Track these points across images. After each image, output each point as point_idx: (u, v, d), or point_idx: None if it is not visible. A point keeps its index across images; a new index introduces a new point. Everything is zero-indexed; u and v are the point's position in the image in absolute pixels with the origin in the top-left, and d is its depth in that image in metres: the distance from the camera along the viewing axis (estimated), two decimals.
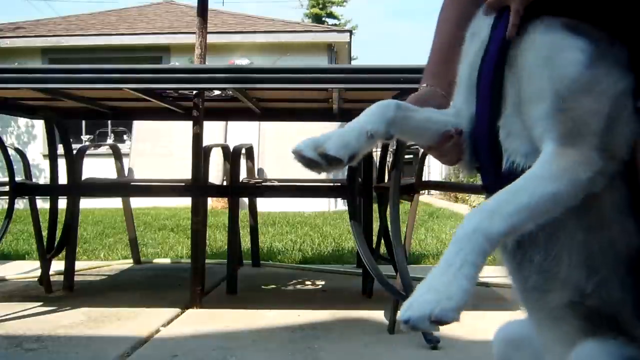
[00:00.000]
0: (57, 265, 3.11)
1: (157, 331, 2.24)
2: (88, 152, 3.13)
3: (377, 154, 4.15)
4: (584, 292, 0.88)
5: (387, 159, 3.49)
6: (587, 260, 0.88)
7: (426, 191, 13.22)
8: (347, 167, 2.88)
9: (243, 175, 3.31)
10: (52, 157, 3.03)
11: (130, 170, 3.66)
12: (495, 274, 3.73)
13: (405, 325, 0.78)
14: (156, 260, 3.94)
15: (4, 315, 2.41)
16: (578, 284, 0.89)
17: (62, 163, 2.99)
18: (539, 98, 0.86)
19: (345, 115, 3.24)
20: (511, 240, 0.93)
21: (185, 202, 3.39)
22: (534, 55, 0.88)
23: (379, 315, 2.44)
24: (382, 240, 3.20)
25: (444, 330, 2.19)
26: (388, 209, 2.56)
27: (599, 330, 0.88)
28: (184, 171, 2.95)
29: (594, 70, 0.84)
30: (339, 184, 3.29)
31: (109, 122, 10.35)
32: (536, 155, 0.86)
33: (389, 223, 2.56)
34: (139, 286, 3.15)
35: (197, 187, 2.67)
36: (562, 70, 0.84)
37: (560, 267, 0.89)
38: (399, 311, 0.81)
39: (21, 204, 5.39)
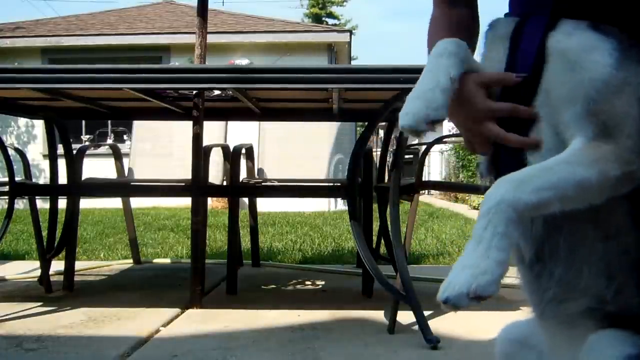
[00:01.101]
0: (57, 265, 3.11)
1: (157, 331, 2.24)
2: (88, 152, 3.13)
3: (377, 154, 4.15)
4: (604, 299, 0.88)
5: (387, 159, 3.49)
6: (606, 269, 0.88)
7: (426, 191, 13.23)
8: (347, 167, 2.88)
9: (243, 175, 3.31)
10: (52, 157, 3.03)
11: (130, 170, 3.66)
12: None
13: (445, 305, 0.78)
14: (156, 260, 3.94)
15: (4, 315, 2.41)
16: (598, 292, 0.88)
17: (62, 163, 2.99)
18: (570, 102, 0.84)
19: (345, 115, 3.25)
20: (529, 253, 0.93)
21: (185, 202, 3.40)
22: (562, 59, 0.86)
23: (379, 315, 2.44)
24: (382, 240, 3.20)
25: (444, 330, 2.19)
26: (388, 209, 2.56)
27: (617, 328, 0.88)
28: (184, 171, 2.96)
29: (623, 72, 0.83)
30: (339, 184, 3.29)
31: (109, 122, 10.36)
32: None
33: (389, 223, 2.56)
34: (139, 286, 3.15)
35: (197, 187, 2.67)
36: (592, 74, 0.83)
37: (580, 278, 0.89)
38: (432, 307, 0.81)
39: (21, 204, 5.39)
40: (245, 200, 3.77)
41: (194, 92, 2.60)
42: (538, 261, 0.92)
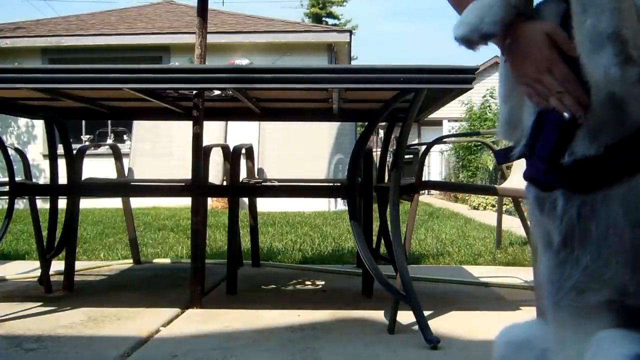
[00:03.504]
0: (57, 265, 3.11)
1: (157, 331, 2.24)
2: (88, 152, 3.12)
3: (377, 154, 4.15)
4: (626, 292, 0.87)
5: (387, 159, 3.49)
6: (632, 260, 0.87)
7: (426, 191, 13.23)
8: (347, 167, 2.88)
9: (243, 175, 3.31)
10: (52, 157, 3.03)
11: (130, 170, 3.66)
12: (495, 274, 3.73)
13: (458, 41, 0.84)
14: (156, 260, 3.94)
15: (4, 315, 2.41)
16: (621, 284, 0.88)
17: (62, 163, 2.99)
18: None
19: (345, 115, 3.25)
20: (558, 237, 0.92)
21: (185, 202, 3.39)
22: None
23: (379, 315, 2.44)
24: (382, 240, 3.20)
25: (444, 330, 2.19)
26: (388, 209, 2.56)
27: (631, 324, 0.88)
28: (184, 171, 2.95)
29: None
30: (339, 184, 3.29)
31: (109, 122, 10.37)
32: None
33: (389, 223, 2.56)
34: (139, 286, 3.15)
35: (197, 187, 2.67)
36: None
37: (607, 268, 0.88)
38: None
39: (21, 204, 5.40)
40: (245, 200, 3.77)
41: (194, 92, 2.60)
42: (565, 246, 0.91)
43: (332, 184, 3.55)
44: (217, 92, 2.75)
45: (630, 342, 0.85)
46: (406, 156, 3.10)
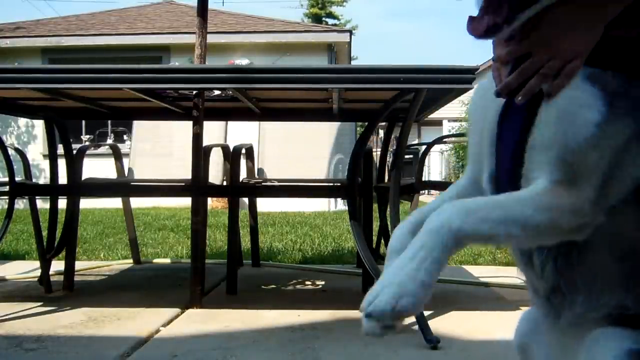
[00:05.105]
0: (57, 265, 3.11)
1: (157, 331, 2.24)
2: (88, 152, 3.12)
3: (377, 154, 4.15)
4: (625, 306, 0.90)
5: (387, 159, 3.50)
6: (624, 283, 0.90)
7: (426, 191, 13.22)
8: (347, 167, 2.88)
9: (243, 175, 3.31)
10: (52, 157, 3.03)
11: (130, 170, 3.66)
12: (495, 274, 3.72)
13: (368, 319, 0.79)
14: (156, 260, 3.94)
15: (4, 315, 2.41)
16: (618, 302, 0.91)
17: (62, 163, 2.99)
18: (548, 147, 0.86)
19: (345, 115, 3.25)
20: (544, 289, 0.95)
21: (185, 202, 3.39)
22: (554, 107, 0.87)
23: None
24: (382, 240, 3.20)
25: (444, 330, 2.19)
26: (388, 209, 2.56)
27: (627, 324, 0.90)
28: (184, 171, 2.96)
29: (607, 127, 0.84)
30: (339, 184, 3.29)
31: (109, 122, 10.37)
32: None
33: (389, 223, 2.56)
34: (139, 286, 3.15)
35: (197, 187, 2.67)
36: (577, 130, 0.84)
37: (601, 297, 0.91)
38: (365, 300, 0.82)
39: (21, 204, 5.39)
40: (245, 200, 3.77)
41: (194, 92, 2.60)
42: (555, 292, 0.94)
43: (332, 184, 3.55)
44: (217, 92, 2.75)
45: (626, 337, 0.88)
46: (406, 156, 3.10)
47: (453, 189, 1.07)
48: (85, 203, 3.75)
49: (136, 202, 4.38)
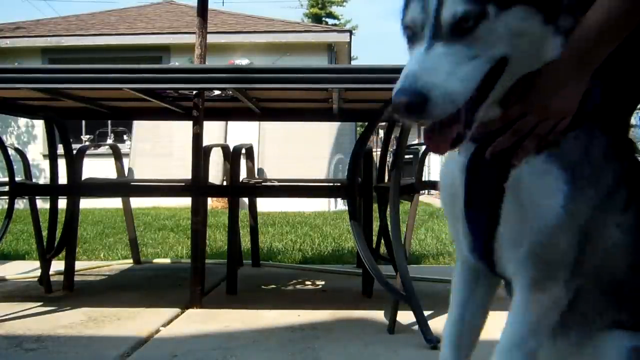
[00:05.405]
0: (57, 265, 3.11)
1: (157, 331, 2.24)
2: (88, 152, 3.12)
3: (377, 154, 4.15)
4: (620, 322, 0.94)
5: (387, 159, 3.49)
6: (614, 306, 0.94)
7: (426, 191, 13.21)
8: (347, 167, 2.88)
9: (243, 175, 3.31)
10: (52, 157, 3.03)
11: (130, 170, 3.66)
12: None
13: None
14: (156, 260, 3.94)
15: (4, 315, 2.41)
16: (614, 317, 0.95)
17: (62, 163, 2.99)
18: (518, 243, 0.90)
19: (345, 115, 3.25)
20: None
21: (185, 202, 3.39)
22: (517, 199, 0.90)
23: (379, 315, 2.44)
24: (382, 240, 3.20)
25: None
26: (388, 209, 2.56)
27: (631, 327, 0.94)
28: (184, 171, 2.95)
29: (573, 205, 0.86)
30: (339, 184, 3.29)
31: (109, 122, 10.36)
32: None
33: (389, 223, 2.56)
34: (139, 286, 3.15)
35: (197, 187, 2.67)
36: (543, 222, 0.87)
37: (596, 323, 0.96)
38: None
39: (21, 204, 5.38)
40: (245, 200, 3.76)
41: (194, 92, 2.60)
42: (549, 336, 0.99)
43: (332, 184, 3.54)
44: (217, 92, 2.75)
45: (629, 336, 0.91)
46: (406, 156, 3.09)
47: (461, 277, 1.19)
48: (85, 203, 3.74)
49: (136, 202, 4.38)
